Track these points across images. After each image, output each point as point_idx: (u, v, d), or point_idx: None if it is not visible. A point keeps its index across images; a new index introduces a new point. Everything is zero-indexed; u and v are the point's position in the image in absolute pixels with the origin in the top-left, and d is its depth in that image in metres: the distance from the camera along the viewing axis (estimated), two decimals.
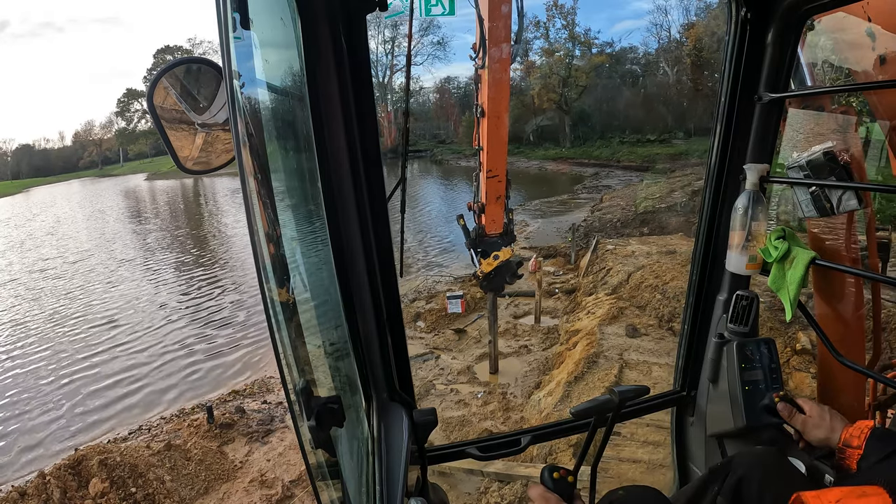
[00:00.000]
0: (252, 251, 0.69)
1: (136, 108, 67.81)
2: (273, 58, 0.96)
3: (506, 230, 7.13)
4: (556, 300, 10.97)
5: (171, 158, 1.09)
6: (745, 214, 1.48)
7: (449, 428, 6.72)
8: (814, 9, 1.37)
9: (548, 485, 1.05)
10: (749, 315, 1.58)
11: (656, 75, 40.24)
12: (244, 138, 0.69)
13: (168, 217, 32.54)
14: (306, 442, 0.83)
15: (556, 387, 6.61)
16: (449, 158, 45.00)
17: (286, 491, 6.03)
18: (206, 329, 11.95)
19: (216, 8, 0.64)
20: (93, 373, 10.07)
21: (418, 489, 1.38)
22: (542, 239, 16.48)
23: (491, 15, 5.86)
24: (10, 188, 62.20)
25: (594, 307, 9.07)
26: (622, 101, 39.82)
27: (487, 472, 5.06)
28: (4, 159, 75.95)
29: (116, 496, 5.58)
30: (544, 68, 40.57)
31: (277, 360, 0.75)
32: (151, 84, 1.05)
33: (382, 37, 47.49)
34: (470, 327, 9.78)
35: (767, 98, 1.47)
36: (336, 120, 1.10)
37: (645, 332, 7.66)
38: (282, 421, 7.48)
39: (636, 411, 1.77)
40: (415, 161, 44.60)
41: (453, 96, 51.20)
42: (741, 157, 1.55)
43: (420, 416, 1.31)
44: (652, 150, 33.69)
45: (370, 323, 1.28)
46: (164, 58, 60.84)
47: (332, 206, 1.12)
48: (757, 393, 1.53)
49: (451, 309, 10.01)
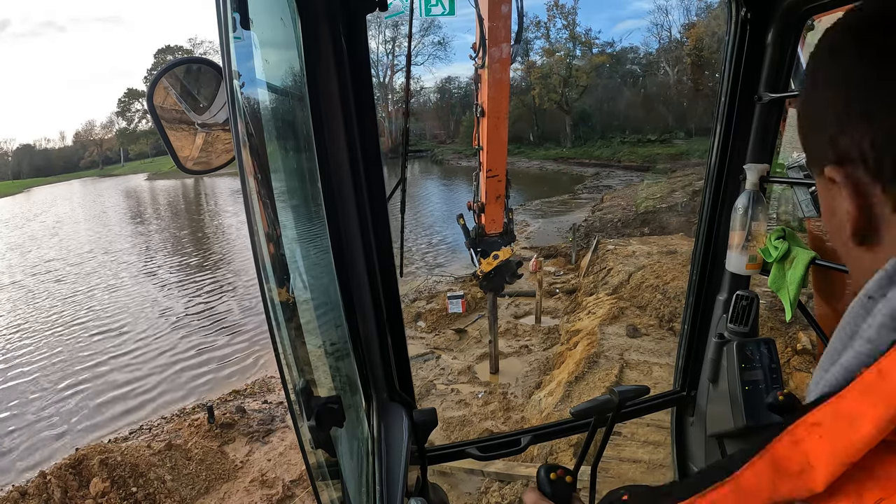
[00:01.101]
0: (252, 251, 0.70)
1: (137, 108, 67.92)
2: (273, 58, 0.96)
3: (506, 230, 7.13)
4: (556, 300, 10.97)
5: (172, 158, 1.09)
6: (745, 214, 1.48)
7: (449, 428, 6.72)
8: (814, 9, 1.37)
9: (544, 485, 1.04)
10: (749, 315, 1.58)
11: (657, 75, 40.25)
12: (244, 138, 0.69)
13: (169, 217, 32.56)
14: (306, 442, 0.83)
15: (557, 387, 6.61)
16: (449, 158, 45.04)
17: (287, 491, 6.03)
18: (217, 336, 11.62)
19: (216, 8, 0.64)
20: (100, 382, 9.84)
21: (418, 489, 1.38)
22: (543, 239, 16.47)
23: (491, 15, 5.86)
24: (11, 188, 62.30)
25: (595, 307, 9.07)
26: (623, 101, 39.83)
27: (488, 472, 5.06)
28: (5, 159, 76.09)
29: (117, 496, 5.59)
30: (545, 68, 40.58)
31: (277, 360, 0.75)
32: (151, 84, 1.05)
33: (383, 37, 47.56)
34: (470, 327, 9.78)
35: (767, 98, 1.47)
36: (336, 120, 1.10)
37: (645, 332, 7.66)
38: (282, 421, 7.48)
39: (636, 411, 1.77)
40: (415, 161, 44.63)
41: (453, 96, 51.27)
42: (741, 157, 1.55)
43: (420, 416, 1.31)
44: (652, 150, 33.69)
45: (370, 323, 1.28)
46: (165, 58, 60.88)
47: (332, 206, 1.12)
48: (757, 393, 1.53)
49: (452, 309, 10.02)
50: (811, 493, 0.39)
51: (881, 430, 0.36)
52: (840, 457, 0.38)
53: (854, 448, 0.37)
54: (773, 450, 0.42)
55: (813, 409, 0.41)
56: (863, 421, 0.37)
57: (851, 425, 0.38)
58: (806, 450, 0.40)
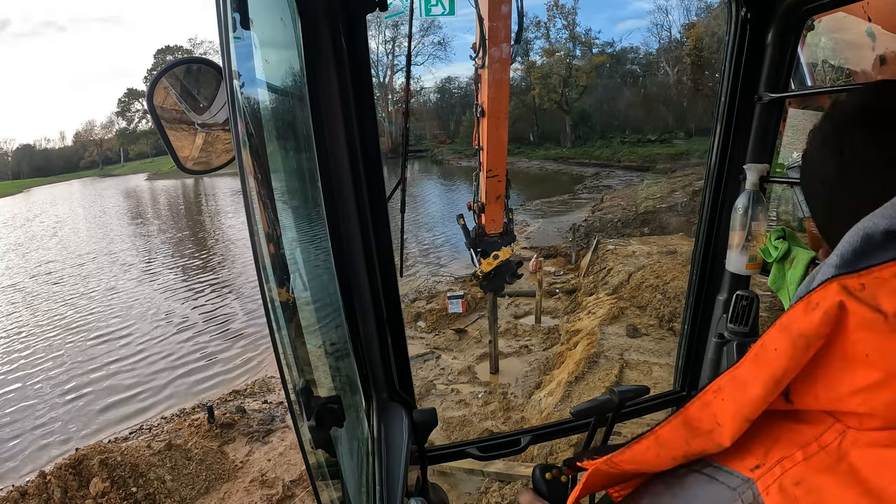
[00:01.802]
0: (252, 251, 0.70)
1: (137, 108, 67.97)
2: (273, 58, 0.96)
3: (506, 230, 7.13)
4: (556, 300, 10.97)
5: (172, 158, 1.09)
6: (745, 214, 1.48)
7: (449, 428, 6.72)
8: (814, 9, 1.37)
9: (539, 486, 1.04)
10: (749, 315, 1.58)
11: (657, 75, 40.25)
12: (244, 138, 0.69)
13: (169, 218, 32.53)
14: (306, 442, 0.83)
15: (557, 387, 6.61)
16: (449, 158, 45.04)
17: (287, 491, 6.03)
18: (223, 341, 11.38)
19: (216, 8, 0.64)
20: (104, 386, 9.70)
21: (418, 489, 1.38)
22: (543, 239, 16.47)
23: (491, 15, 5.86)
24: (11, 188, 62.36)
25: (595, 307, 9.07)
26: (623, 101, 39.84)
27: (488, 472, 5.06)
28: (5, 159, 76.14)
29: (117, 496, 5.59)
30: (545, 68, 40.59)
31: (277, 360, 0.75)
32: (151, 84, 1.05)
33: (383, 37, 47.56)
34: (470, 327, 9.78)
35: (767, 98, 1.47)
36: (336, 120, 1.10)
37: (645, 332, 7.66)
38: (282, 421, 7.48)
39: (636, 411, 1.77)
40: (415, 161, 44.64)
41: (453, 96, 51.28)
42: (741, 157, 1.55)
43: (420, 416, 1.31)
44: (652, 150, 33.69)
45: (370, 323, 1.28)
46: (165, 58, 60.89)
47: (332, 206, 1.12)
48: None
49: (452, 309, 10.01)
50: (720, 447, 0.47)
51: (769, 391, 0.44)
52: (741, 414, 0.45)
53: (751, 406, 0.45)
54: (686, 411, 0.50)
55: (717, 378, 0.49)
56: (753, 384, 0.45)
57: (745, 388, 0.45)
58: (714, 411, 0.48)
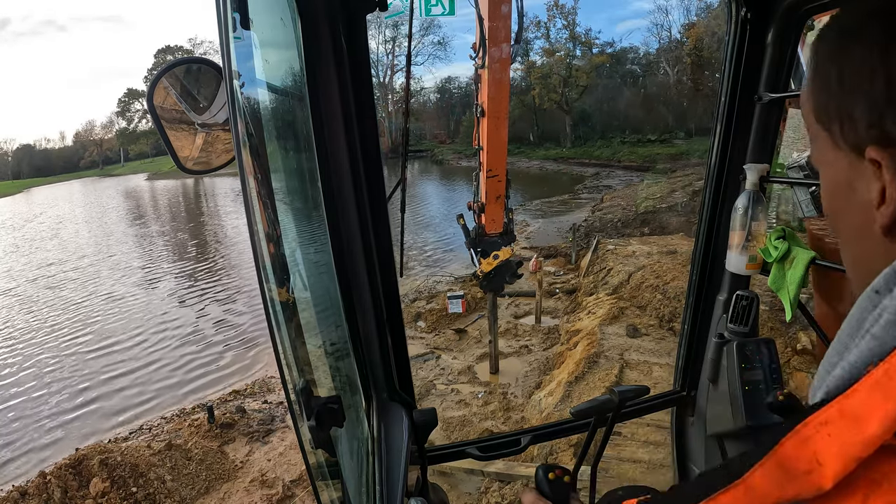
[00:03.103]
0: (252, 251, 0.70)
1: (137, 107, 67.91)
2: (273, 58, 0.96)
3: (506, 230, 7.13)
4: (556, 300, 10.97)
5: (172, 158, 1.09)
6: (745, 214, 1.48)
7: (449, 428, 6.72)
8: (814, 9, 1.37)
9: (542, 485, 1.04)
10: (749, 315, 1.58)
11: (657, 75, 40.27)
12: (244, 138, 0.69)
13: (170, 218, 32.51)
14: (306, 442, 0.83)
15: (557, 387, 6.61)
16: (449, 158, 45.04)
17: (287, 491, 6.03)
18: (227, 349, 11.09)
19: (216, 8, 0.64)
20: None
21: (418, 489, 1.38)
22: (543, 239, 16.47)
23: (491, 15, 5.86)
24: (11, 188, 62.29)
25: (595, 307, 9.07)
26: (623, 101, 39.86)
27: (488, 472, 5.06)
28: (5, 159, 76.10)
29: (117, 496, 5.59)
30: (545, 68, 40.60)
31: (277, 360, 0.75)
32: (151, 84, 1.05)
33: (382, 37, 47.56)
34: (470, 327, 9.78)
35: (767, 98, 1.47)
36: (336, 120, 1.10)
37: (645, 332, 7.66)
38: (282, 421, 7.48)
39: (636, 411, 1.77)
40: (415, 161, 44.63)
41: (453, 96, 51.29)
42: (741, 157, 1.55)
43: (420, 416, 1.31)
44: (652, 150, 33.71)
45: (370, 323, 1.28)
46: (165, 58, 60.89)
47: (332, 206, 1.12)
48: (757, 393, 1.53)
49: (452, 309, 10.02)
50: (819, 491, 0.39)
51: (888, 429, 0.36)
52: (849, 454, 0.38)
53: (862, 445, 0.37)
54: (780, 450, 0.41)
55: (820, 409, 0.40)
56: (870, 419, 0.37)
57: (859, 423, 0.38)
58: (815, 449, 0.39)
